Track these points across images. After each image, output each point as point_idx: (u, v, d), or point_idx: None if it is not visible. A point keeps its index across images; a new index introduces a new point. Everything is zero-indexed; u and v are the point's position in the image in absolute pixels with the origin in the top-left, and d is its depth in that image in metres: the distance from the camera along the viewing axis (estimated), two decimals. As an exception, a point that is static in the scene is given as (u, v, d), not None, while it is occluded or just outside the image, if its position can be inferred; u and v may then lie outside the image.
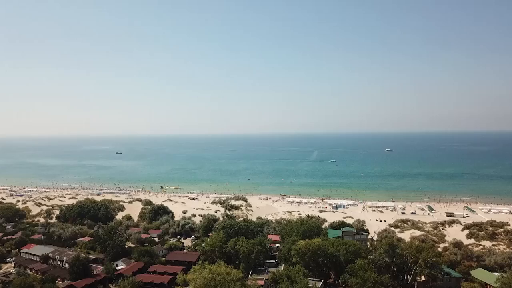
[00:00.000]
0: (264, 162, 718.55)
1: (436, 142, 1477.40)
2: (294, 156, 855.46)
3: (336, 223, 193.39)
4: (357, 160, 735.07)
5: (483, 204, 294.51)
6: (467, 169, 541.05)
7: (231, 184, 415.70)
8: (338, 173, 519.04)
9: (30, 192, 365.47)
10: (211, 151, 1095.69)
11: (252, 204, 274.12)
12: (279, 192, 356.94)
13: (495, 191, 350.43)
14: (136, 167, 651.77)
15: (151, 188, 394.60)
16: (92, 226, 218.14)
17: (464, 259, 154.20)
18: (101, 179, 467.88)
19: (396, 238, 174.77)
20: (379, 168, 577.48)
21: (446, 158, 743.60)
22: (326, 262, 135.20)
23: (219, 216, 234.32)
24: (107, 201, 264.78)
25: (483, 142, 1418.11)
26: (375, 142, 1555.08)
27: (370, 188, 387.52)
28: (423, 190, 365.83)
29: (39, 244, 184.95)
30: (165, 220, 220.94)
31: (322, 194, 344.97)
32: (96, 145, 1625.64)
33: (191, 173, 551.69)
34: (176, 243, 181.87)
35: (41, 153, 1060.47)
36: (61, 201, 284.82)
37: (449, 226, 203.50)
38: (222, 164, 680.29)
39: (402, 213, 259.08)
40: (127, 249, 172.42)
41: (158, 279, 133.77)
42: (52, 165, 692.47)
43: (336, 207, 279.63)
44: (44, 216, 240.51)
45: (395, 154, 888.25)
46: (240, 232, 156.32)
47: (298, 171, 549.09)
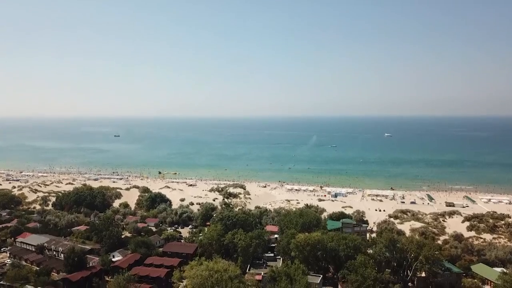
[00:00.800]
0: (262, 146, 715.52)
1: (436, 127, 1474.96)
2: (293, 141, 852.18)
3: (335, 214, 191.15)
4: (356, 146, 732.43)
5: (482, 193, 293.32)
6: (467, 156, 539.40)
7: (229, 170, 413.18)
8: (337, 159, 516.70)
9: (26, 177, 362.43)
10: (210, 135, 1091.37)
11: (251, 192, 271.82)
12: (278, 178, 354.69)
13: (495, 179, 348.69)
14: (134, 150, 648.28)
15: (149, 173, 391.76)
16: (88, 214, 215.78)
17: (465, 252, 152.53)
18: (99, 163, 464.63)
19: (396, 231, 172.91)
20: (378, 154, 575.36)
21: (445, 144, 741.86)
22: (325, 256, 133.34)
23: (217, 204, 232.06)
24: (104, 188, 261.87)
25: (484, 128, 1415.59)
26: (374, 127, 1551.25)
27: (369, 175, 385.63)
28: (422, 178, 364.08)
29: (35, 233, 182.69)
30: (163, 208, 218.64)
31: (321, 181, 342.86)
32: (95, 127, 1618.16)
33: (189, 157, 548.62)
34: (174, 233, 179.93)
35: (39, 135, 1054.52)
36: (58, 187, 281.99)
37: (449, 217, 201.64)
38: (221, 148, 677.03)
39: (402, 203, 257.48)
40: (124, 239, 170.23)
41: (155, 272, 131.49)
42: (49, 148, 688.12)
43: (335, 195, 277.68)
44: (40, 203, 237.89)
45: (394, 139, 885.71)
46: (238, 224, 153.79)
47: (297, 156, 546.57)
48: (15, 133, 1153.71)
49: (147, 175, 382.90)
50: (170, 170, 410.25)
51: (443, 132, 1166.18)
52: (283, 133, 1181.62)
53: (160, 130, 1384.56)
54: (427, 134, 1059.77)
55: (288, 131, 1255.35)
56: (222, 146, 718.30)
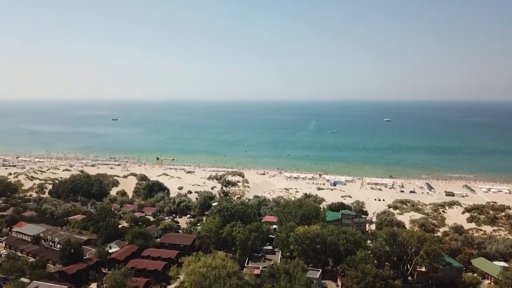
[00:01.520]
0: (261, 131, 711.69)
1: (436, 112, 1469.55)
2: (292, 126, 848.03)
3: (334, 205, 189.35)
4: (356, 131, 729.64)
5: (482, 182, 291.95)
6: (467, 143, 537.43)
7: (228, 157, 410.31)
8: (336, 145, 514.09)
9: (23, 162, 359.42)
10: (208, 119, 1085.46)
11: (249, 180, 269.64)
12: (276, 165, 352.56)
13: (495, 168, 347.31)
14: (132, 135, 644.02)
15: (146, 159, 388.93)
16: (85, 202, 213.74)
17: (465, 245, 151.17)
18: (96, 149, 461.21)
19: (395, 222, 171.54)
20: (377, 140, 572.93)
21: (445, 130, 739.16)
22: (325, 249, 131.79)
23: (215, 193, 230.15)
24: (101, 175, 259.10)
25: (484, 113, 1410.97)
26: (374, 111, 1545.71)
27: (368, 162, 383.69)
28: (422, 165, 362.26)
29: (31, 222, 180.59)
30: (160, 197, 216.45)
31: (320, 168, 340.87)
32: (92, 109, 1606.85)
33: (188, 143, 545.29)
34: (171, 223, 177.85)
35: (36, 118, 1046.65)
36: (54, 174, 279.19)
37: (449, 208, 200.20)
38: (219, 133, 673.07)
39: (401, 191, 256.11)
40: (121, 229, 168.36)
41: (152, 265, 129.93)
42: (46, 131, 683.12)
43: (334, 183, 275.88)
44: (36, 190, 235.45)
45: (393, 125, 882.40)
46: (236, 215, 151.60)
47: (296, 142, 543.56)
48: (11, 116, 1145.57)
49: (145, 161, 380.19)
50: (168, 156, 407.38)
51: (443, 117, 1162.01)
52: (282, 117, 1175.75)
53: (158, 113, 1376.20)
54: (427, 120, 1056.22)
55: (287, 116, 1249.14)
56: (221, 131, 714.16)
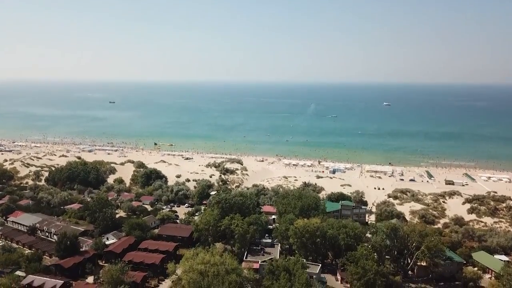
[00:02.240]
0: (260, 116, 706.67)
1: (436, 96, 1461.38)
2: (290, 110, 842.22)
3: (334, 195, 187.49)
4: (355, 115, 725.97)
5: (482, 170, 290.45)
6: (466, 128, 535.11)
7: (226, 142, 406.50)
8: (335, 130, 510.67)
9: (19, 148, 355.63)
10: (206, 102, 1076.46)
11: (248, 168, 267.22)
12: (275, 152, 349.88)
13: (495, 154, 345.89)
14: (130, 119, 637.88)
15: (144, 144, 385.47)
16: (82, 191, 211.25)
17: (465, 238, 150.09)
18: (93, 133, 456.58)
19: (396, 214, 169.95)
20: (376, 125, 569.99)
21: (445, 115, 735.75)
22: (324, 242, 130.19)
23: (214, 181, 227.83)
24: (98, 162, 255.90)
25: (485, 97, 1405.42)
26: (373, 95, 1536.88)
27: (367, 149, 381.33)
28: (421, 152, 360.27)
29: (27, 211, 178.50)
30: (158, 186, 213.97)
31: (319, 155, 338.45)
32: (89, 92, 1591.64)
33: (186, 127, 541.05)
34: (169, 213, 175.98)
35: (33, 101, 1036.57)
36: (51, 161, 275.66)
37: (449, 198, 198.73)
38: (217, 117, 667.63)
39: (401, 180, 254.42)
40: (119, 220, 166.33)
41: (150, 259, 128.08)
42: (43, 115, 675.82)
43: (333, 171, 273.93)
44: (32, 178, 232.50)
45: (393, 109, 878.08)
46: (235, 207, 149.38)
47: (295, 127, 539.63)
48: (8, 98, 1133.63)
49: (143, 146, 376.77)
50: (166, 141, 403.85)
51: (442, 101, 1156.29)
52: (280, 101, 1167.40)
53: (156, 96, 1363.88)
54: (426, 104, 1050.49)
55: (286, 99, 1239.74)
56: (219, 115, 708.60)
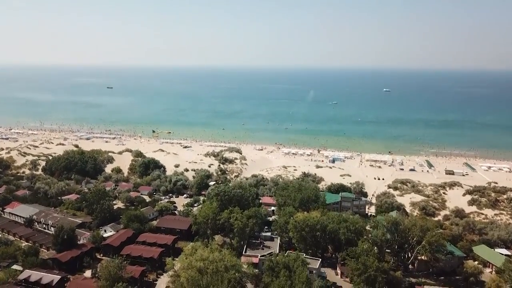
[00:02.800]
0: (259, 102, 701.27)
1: (435, 82, 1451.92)
2: (290, 96, 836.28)
3: (334, 186, 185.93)
4: (355, 102, 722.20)
5: (482, 159, 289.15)
6: (467, 116, 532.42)
7: (225, 130, 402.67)
8: (335, 117, 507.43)
9: (16, 135, 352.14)
10: (205, 88, 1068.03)
11: (247, 157, 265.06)
12: (274, 140, 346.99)
13: (495, 143, 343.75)
14: (128, 105, 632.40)
15: (142, 132, 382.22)
16: (79, 181, 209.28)
17: (466, 231, 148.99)
18: (91, 120, 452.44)
19: (396, 205, 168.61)
20: (376, 112, 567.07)
21: (445, 102, 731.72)
22: (324, 236, 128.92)
23: (212, 171, 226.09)
24: (96, 151, 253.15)
25: (485, 83, 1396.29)
26: (373, 80, 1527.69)
27: (367, 137, 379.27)
28: (421, 140, 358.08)
29: (24, 202, 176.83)
30: (157, 175, 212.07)
31: (319, 144, 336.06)
32: (88, 77, 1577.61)
33: (184, 114, 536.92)
34: (168, 205, 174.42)
35: (30, 86, 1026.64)
36: (48, 149, 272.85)
37: (449, 189, 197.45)
38: (216, 104, 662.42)
39: (401, 169, 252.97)
40: (117, 211, 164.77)
41: (148, 252, 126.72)
42: (40, 101, 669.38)
43: (333, 160, 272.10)
44: (29, 167, 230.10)
45: (392, 95, 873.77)
46: (234, 199, 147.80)
47: (294, 114, 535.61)
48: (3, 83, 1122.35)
49: (141, 134, 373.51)
50: (164, 129, 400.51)
51: (442, 88, 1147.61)
52: (279, 86, 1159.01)
53: (154, 82, 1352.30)
54: (426, 90, 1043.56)
55: (285, 85, 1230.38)
56: (218, 102, 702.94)
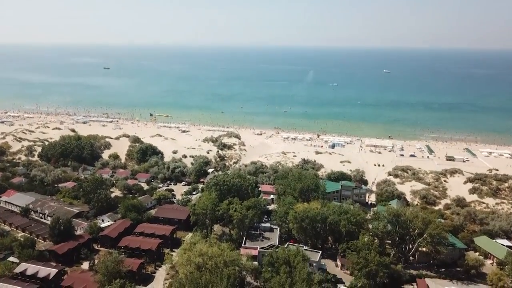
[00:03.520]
0: (258, 84, 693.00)
1: (434, 62, 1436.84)
2: (289, 77, 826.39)
3: (334, 174, 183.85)
4: (355, 83, 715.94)
5: (483, 144, 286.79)
6: (467, 98, 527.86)
7: (225, 113, 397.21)
8: (335, 100, 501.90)
9: (12, 119, 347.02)
10: (203, 69, 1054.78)
11: (246, 142, 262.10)
12: (274, 124, 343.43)
13: (495, 127, 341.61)
14: (125, 87, 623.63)
15: (140, 115, 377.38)
16: (76, 168, 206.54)
17: (467, 221, 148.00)
18: (88, 103, 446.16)
19: (396, 194, 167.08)
20: (376, 95, 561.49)
21: (445, 84, 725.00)
22: (325, 226, 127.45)
23: (211, 157, 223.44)
24: (93, 136, 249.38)
25: (485, 64, 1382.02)
26: (373, 61, 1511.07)
27: (366, 120, 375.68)
28: (421, 124, 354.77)
29: (20, 190, 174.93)
30: (154, 162, 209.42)
31: (318, 128, 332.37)
32: (84, 56, 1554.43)
33: (182, 96, 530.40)
34: (166, 193, 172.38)
35: (26, 66, 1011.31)
36: (44, 134, 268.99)
37: (450, 176, 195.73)
38: (214, 86, 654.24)
39: (401, 155, 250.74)
40: (114, 200, 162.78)
41: (146, 244, 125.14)
42: (36, 82, 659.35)
43: (333, 146, 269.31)
44: (25, 153, 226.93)
45: (392, 77, 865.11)
46: (233, 189, 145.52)
47: (293, 97, 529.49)
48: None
49: (138, 117, 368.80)
50: (162, 112, 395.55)
51: (442, 69, 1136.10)
52: (278, 67, 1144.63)
53: (151, 61, 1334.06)
54: (426, 71, 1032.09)
55: (284, 66, 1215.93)
56: (216, 83, 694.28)
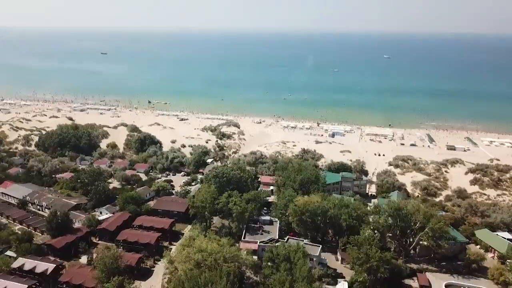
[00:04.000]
0: (257, 69, 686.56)
1: (434, 48, 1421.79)
2: (288, 62, 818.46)
3: (334, 165, 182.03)
4: (355, 69, 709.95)
5: (484, 133, 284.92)
6: (468, 85, 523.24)
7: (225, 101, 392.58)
8: (335, 87, 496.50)
9: (8, 106, 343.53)
10: (201, 53, 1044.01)
11: (245, 131, 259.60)
12: (273, 112, 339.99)
13: (497, 115, 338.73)
14: (123, 73, 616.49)
15: (138, 102, 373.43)
16: (74, 158, 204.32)
17: (468, 213, 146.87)
18: (85, 90, 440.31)
19: (397, 185, 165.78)
20: (376, 81, 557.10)
21: (445, 70, 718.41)
22: (325, 219, 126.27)
23: (210, 147, 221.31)
24: (90, 126, 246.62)
25: (484, 48, 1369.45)
26: (373, 46, 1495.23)
27: (367, 108, 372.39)
28: (421, 112, 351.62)
29: (17, 181, 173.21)
30: (153, 152, 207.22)
31: (318, 115, 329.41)
32: (81, 40, 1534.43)
33: (180, 82, 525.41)
34: (165, 184, 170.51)
35: (20, 51, 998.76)
36: (41, 122, 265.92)
37: (451, 167, 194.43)
38: (213, 71, 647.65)
39: (401, 144, 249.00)
40: (112, 191, 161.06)
41: (145, 238, 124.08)
42: (33, 68, 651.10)
43: (333, 135, 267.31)
44: (22, 143, 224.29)
45: (393, 62, 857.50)
46: (233, 182, 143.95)
47: (293, 82, 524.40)
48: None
49: (136, 105, 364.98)
50: (160, 99, 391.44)
51: (443, 54, 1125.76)
52: (277, 52, 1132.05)
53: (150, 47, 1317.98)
54: (426, 57, 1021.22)
55: (283, 50, 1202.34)
56: (216, 69, 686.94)
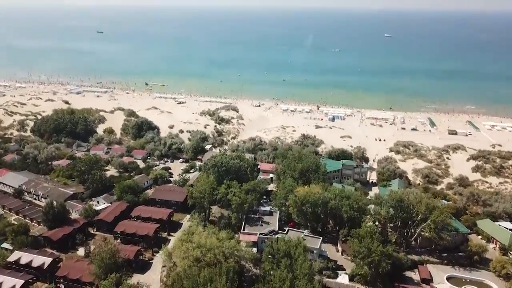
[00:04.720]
0: (256, 48, 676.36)
1: (438, 25, 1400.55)
2: (288, 41, 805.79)
3: (334, 152, 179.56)
4: (355, 48, 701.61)
5: (486, 117, 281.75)
6: (469, 65, 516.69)
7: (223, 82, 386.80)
8: (335, 68, 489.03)
9: (3, 88, 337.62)
10: (199, 31, 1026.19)
11: (244, 116, 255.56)
12: (272, 94, 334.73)
13: (499, 97, 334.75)
14: (119, 53, 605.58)
15: (135, 84, 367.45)
16: (70, 144, 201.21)
17: (470, 202, 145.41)
18: (81, 71, 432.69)
19: (398, 173, 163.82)
20: (377, 61, 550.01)
21: (446, 49, 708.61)
22: (325, 210, 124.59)
23: (208, 133, 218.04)
24: (86, 111, 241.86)
25: (486, 26, 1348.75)
26: (374, 24, 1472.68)
27: (367, 90, 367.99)
28: (423, 94, 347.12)
29: (13, 168, 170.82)
30: (150, 138, 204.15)
31: (318, 98, 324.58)
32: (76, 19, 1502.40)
33: (178, 62, 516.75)
34: (163, 172, 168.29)
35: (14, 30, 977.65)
36: (36, 106, 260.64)
37: (453, 153, 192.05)
38: (212, 51, 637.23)
39: (402, 129, 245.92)
40: (110, 180, 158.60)
41: (143, 229, 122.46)
42: (28, 47, 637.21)
43: (333, 118, 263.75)
44: (17, 128, 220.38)
45: (393, 41, 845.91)
46: (231, 171, 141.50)
47: (293, 63, 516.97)
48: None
49: (133, 87, 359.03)
50: (157, 81, 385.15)
51: (445, 32, 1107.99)
52: (276, 31, 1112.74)
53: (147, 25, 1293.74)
54: (427, 35, 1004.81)
55: (282, 29, 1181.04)
56: (214, 48, 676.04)
